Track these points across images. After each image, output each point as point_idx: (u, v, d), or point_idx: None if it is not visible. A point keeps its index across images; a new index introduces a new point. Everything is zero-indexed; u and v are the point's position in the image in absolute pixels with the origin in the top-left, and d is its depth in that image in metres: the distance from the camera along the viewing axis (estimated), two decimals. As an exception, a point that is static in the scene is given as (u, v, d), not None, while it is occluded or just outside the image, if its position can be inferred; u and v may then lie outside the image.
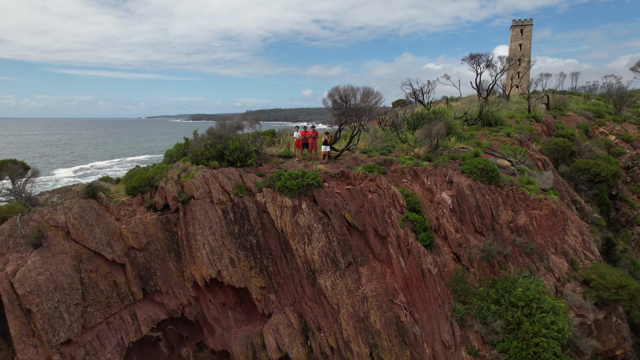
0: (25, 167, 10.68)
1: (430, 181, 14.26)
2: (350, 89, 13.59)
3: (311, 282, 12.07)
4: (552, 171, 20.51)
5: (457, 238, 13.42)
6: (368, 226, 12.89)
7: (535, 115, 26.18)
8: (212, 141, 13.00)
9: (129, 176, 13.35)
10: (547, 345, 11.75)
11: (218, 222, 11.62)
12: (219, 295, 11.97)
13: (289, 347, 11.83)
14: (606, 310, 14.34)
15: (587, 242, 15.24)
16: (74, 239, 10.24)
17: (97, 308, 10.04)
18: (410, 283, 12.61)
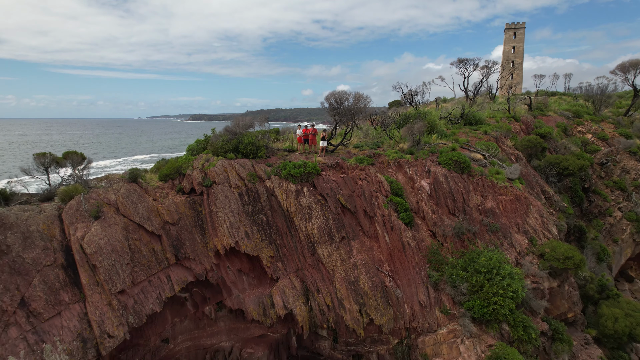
0: (83, 157, 13.37)
1: (412, 171, 16.98)
2: (344, 93, 16.33)
3: (311, 252, 14.78)
4: (525, 165, 23.26)
5: (433, 218, 16.14)
6: (358, 207, 15.60)
7: (515, 115, 28.92)
8: (229, 137, 15.71)
9: (158, 167, 16.04)
10: (504, 303, 14.47)
11: (235, 202, 14.32)
12: (236, 263, 14.67)
13: (293, 306, 14.53)
14: (559, 279, 17.07)
15: (546, 223, 17.97)
16: (122, 214, 12.94)
17: (141, 268, 12.73)
18: (393, 254, 15.32)
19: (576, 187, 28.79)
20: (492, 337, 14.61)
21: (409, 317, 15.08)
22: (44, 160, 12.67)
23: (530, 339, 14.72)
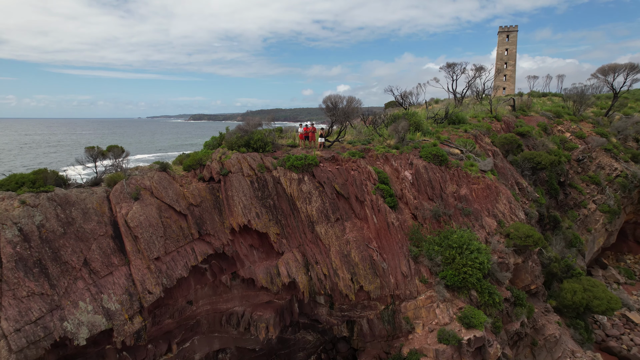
0: (122, 150, 16.26)
1: (397, 163, 19.88)
2: (339, 96, 19.23)
3: (311, 230, 17.67)
4: (501, 159, 26.17)
5: (414, 203, 19.04)
6: (351, 193, 18.49)
7: (496, 115, 31.83)
8: (241, 134, 18.61)
9: (181, 160, 18.94)
10: (472, 273, 17.35)
11: (247, 188, 17.21)
12: (248, 239, 17.57)
13: (295, 275, 17.41)
14: (524, 256, 19.97)
15: (513, 208, 20.87)
16: (156, 196, 15.82)
17: (172, 241, 15.62)
18: (380, 233, 18.22)
19: (552, 181, 31.68)
20: (462, 301, 17.51)
21: (393, 286, 17.98)
22: (92, 152, 15.56)
23: (494, 303, 17.62)
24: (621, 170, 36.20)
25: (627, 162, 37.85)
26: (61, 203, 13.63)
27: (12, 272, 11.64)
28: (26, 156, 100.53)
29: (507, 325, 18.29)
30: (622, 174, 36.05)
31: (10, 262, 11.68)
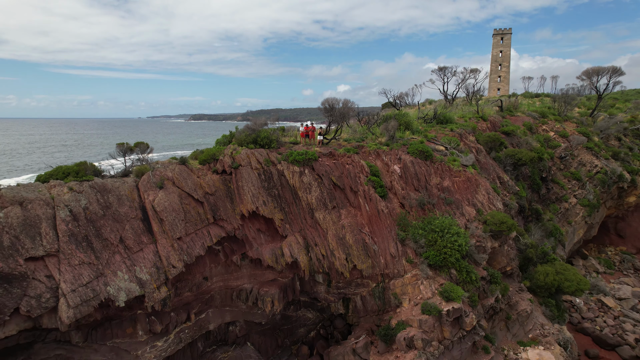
0: (147, 145, 18.83)
1: (387, 158, 22.46)
2: (335, 99, 21.82)
3: (310, 216, 20.24)
4: (484, 155, 28.75)
5: (402, 193, 21.62)
6: (346, 185, 21.06)
7: (482, 115, 34.41)
8: (249, 132, 21.19)
9: (196, 155, 21.50)
10: (452, 253, 19.91)
11: (255, 179, 19.78)
12: (256, 224, 20.15)
13: (297, 255, 19.98)
14: (500, 241, 22.54)
15: (492, 199, 23.44)
16: (177, 186, 18.39)
17: (191, 224, 18.18)
18: (371, 219, 20.79)
19: (535, 176, 34.26)
20: (443, 278, 20.08)
21: (383, 266, 20.56)
22: (122, 147, 18.14)
23: (472, 280, 20.18)
24: (601, 167, 38.76)
25: (607, 160, 40.44)
26: (100, 190, 16.21)
27: (67, 245, 14.21)
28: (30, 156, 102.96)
29: (483, 300, 20.86)
30: (602, 170, 38.61)
31: (64, 237, 14.26)
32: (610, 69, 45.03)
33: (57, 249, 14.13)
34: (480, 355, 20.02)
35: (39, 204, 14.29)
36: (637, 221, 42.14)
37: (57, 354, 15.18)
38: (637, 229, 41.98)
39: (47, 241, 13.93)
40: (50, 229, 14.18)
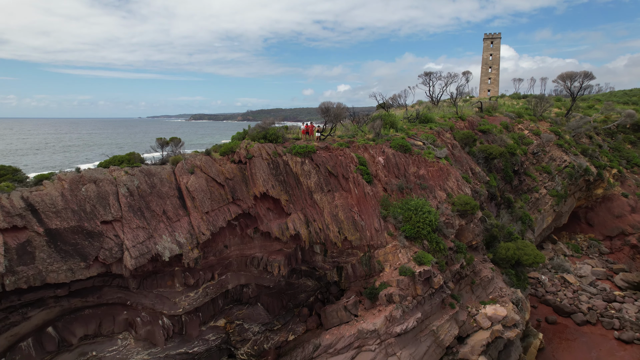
0: (180, 140, 23.69)
1: (373, 151, 27.34)
2: (330, 103, 26.70)
3: (310, 197, 25.12)
4: (459, 150, 33.64)
5: (385, 180, 26.52)
6: (339, 172, 25.95)
7: (461, 116, 39.31)
8: (260, 130, 26.09)
9: (215, 149, 26.34)
10: (424, 227, 24.78)
11: (266, 167, 24.65)
12: (266, 203, 25.04)
13: (299, 228, 24.82)
14: (467, 219, 27.43)
15: (460, 185, 28.33)
16: (204, 172, 23.27)
17: (215, 202, 23.04)
18: (359, 200, 25.68)
19: (507, 169, 39.18)
20: (417, 247, 24.98)
21: (368, 238, 25.45)
22: (161, 142, 23.02)
23: (440, 249, 25.08)
24: (569, 162, 43.70)
25: (576, 155, 45.37)
26: (147, 174, 21.11)
27: (127, 213, 19.11)
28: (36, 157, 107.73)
29: (451, 266, 25.76)
30: (570, 165, 43.55)
31: (125, 207, 19.15)
32: (582, 74, 49.95)
33: (121, 216, 19.01)
34: (447, 310, 24.94)
35: (107, 182, 19.18)
36: (604, 211, 47.07)
37: (118, 296, 20.07)
38: (604, 218, 46.91)
39: (114, 210, 18.81)
40: (115, 201, 19.06)
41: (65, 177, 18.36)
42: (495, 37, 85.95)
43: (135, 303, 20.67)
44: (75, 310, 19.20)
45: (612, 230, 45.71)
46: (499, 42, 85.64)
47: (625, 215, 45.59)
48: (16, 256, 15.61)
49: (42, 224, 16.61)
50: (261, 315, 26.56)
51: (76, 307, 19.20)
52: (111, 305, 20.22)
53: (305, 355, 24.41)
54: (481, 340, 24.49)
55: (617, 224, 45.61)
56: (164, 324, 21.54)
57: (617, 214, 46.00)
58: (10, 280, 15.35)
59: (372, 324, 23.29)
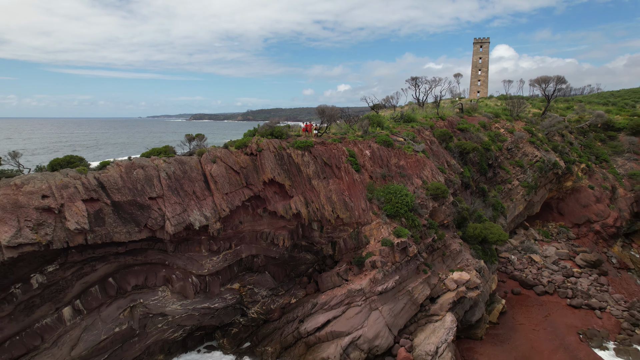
0: (203, 136, 29.50)
1: (361, 145, 33.15)
2: (326, 106, 32.52)
3: (309, 183, 30.92)
4: (437, 145, 39.43)
5: (370, 169, 32.34)
6: (332, 163, 31.75)
7: (442, 116, 45.12)
8: (267, 128, 31.95)
9: (230, 144, 32.17)
10: (401, 207, 30.59)
11: (273, 158, 30.47)
12: (272, 187, 30.87)
13: (300, 208, 30.62)
14: (439, 202, 33.24)
15: (434, 174, 34.13)
16: (223, 161, 29.09)
17: (232, 186, 28.87)
18: (349, 185, 31.50)
19: (482, 163, 44.98)
20: (396, 224, 30.78)
21: (357, 216, 31.26)
22: (189, 137, 28.84)
23: (416, 225, 30.88)
24: (540, 157, 49.51)
25: (547, 151, 51.18)
26: (179, 162, 26.94)
27: (167, 192, 24.94)
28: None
29: (424, 239, 31.56)
30: (540, 159, 49.35)
31: (165, 187, 24.97)
32: (555, 78, 55.76)
33: (162, 194, 24.84)
34: (421, 274, 30.75)
35: (151, 168, 25.03)
36: (572, 202, 52.89)
37: (159, 257, 25.91)
38: (572, 208, 52.73)
39: (157, 189, 24.65)
40: (158, 182, 24.90)
41: (122, 164, 24.23)
42: (484, 41, 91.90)
43: (172, 263, 26.54)
44: (128, 266, 25.06)
45: (579, 219, 51.50)
46: (488, 46, 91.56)
47: (591, 205, 51.41)
48: (93, 220, 21.45)
49: (109, 197, 22.46)
50: (268, 281, 32.40)
51: (128, 264, 25.06)
52: (154, 264, 26.09)
53: (305, 311, 30.26)
54: (448, 299, 30.30)
55: (584, 213, 51.42)
56: (193, 281, 27.42)
57: (584, 204, 51.82)
58: (90, 236, 21.19)
59: (359, 285, 29.12)
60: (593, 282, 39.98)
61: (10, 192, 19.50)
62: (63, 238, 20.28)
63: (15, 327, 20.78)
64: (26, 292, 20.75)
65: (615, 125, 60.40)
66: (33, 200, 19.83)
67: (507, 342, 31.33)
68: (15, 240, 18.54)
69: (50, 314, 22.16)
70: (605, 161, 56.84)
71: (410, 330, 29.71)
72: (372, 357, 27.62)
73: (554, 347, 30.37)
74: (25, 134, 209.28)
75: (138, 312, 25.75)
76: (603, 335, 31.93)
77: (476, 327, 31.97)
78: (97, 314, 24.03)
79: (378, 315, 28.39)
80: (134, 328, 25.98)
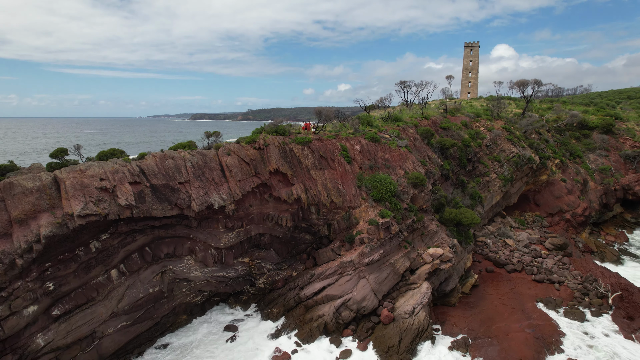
0: (219, 133, 35.56)
1: (353, 141, 39.24)
2: (322, 107, 38.59)
3: (308, 173, 37.01)
4: (420, 142, 45.52)
5: (360, 161, 38.45)
6: (328, 156, 37.85)
7: (426, 116, 51.20)
8: (272, 127, 38.08)
9: (240, 140, 38.29)
10: (386, 193, 36.70)
11: (277, 152, 36.58)
12: (277, 176, 36.98)
13: (300, 194, 36.71)
14: (419, 189, 39.35)
15: (415, 166, 40.21)
16: (236, 154, 35.20)
17: (244, 175, 34.97)
18: (342, 175, 37.62)
19: (462, 158, 51.06)
20: (381, 207, 36.87)
21: (348, 201, 37.35)
22: (208, 133, 34.92)
23: (398, 208, 36.98)
24: (516, 153, 55.59)
25: (523, 148, 57.26)
26: (200, 154, 33.03)
27: (192, 178, 31.04)
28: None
29: (405, 220, 37.65)
30: (516, 155, 55.43)
31: (190, 174, 31.08)
32: (533, 81, 61.88)
33: (189, 180, 30.93)
34: (402, 250, 36.84)
35: (179, 158, 31.11)
36: (547, 193, 58.98)
37: (185, 232, 32.02)
38: (547, 199, 58.81)
39: (184, 175, 30.73)
40: (185, 170, 30.99)
41: (156, 155, 30.36)
42: (474, 45, 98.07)
43: (195, 237, 32.67)
44: (161, 238, 31.19)
45: (553, 209, 57.58)
46: (478, 50, 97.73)
47: (563, 196, 57.49)
48: (137, 198, 27.54)
49: (148, 181, 28.57)
50: (273, 257, 38.50)
51: (161, 236, 31.19)
52: (181, 237, 32.22)
53: (304, 281, 36.38)
54: (425, 270, 36.40)
55: (556, 204, 57.50)
56: (212, 253, 33.54)
57: (557, 196, 57.91)
58: (135, 211, 27.29)
59: (350, 258, 35.24)
60: (557, 261, 46.05)
61: (77, 176, 25.62)
62: (116, 211, 26.38)
63: (78, 282, 26.87)
64: (86, 254, 26.84)
65: (589, 125, 66.45)
66: (94, 182, 25.95)
67: (476, 307, 37.42)
68: (83, 211, 24.64)
69: (102, 274, 28.26)
70: (578, 157, 62.90)
71: (393, 296, 35.79)
72: (360, 316, 33.70)
73: (513, 311, 36.47)
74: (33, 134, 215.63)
75: (167, 276, 31.88)
76: (557, 302, 38.01)
77: (450, 296, 38.06)
78: (137, 276, 30.16)
79: (365, 282, 34.47)
80: (163, 291, 32.08)
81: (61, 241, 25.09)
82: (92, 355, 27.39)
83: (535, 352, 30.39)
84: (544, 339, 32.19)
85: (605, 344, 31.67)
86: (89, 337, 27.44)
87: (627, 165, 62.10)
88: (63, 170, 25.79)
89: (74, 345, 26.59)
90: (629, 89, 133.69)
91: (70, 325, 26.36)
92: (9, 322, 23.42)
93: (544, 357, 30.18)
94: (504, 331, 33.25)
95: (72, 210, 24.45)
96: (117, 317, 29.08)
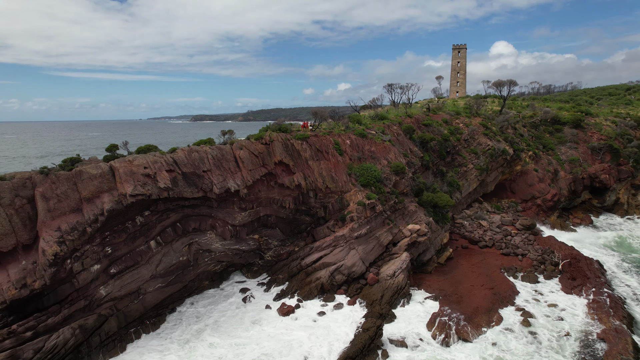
0: (233, 131, 43.42)
1: (344, 137, 47.11)
2: (318, 108, 46.47)
3: (306, 163, 44.92)
4: (403, 137, 53.38)
5: (350, 153, 46.37)
6: (323, 149, 45.74)
7: (410, 114, 58.99)
8: (276, 126, 46.04)
9: (251, 136, 46.21)
10: (372, 178, 44.58)
11: (281, 146, 44.48)
12: (281, 167, 44.91)
13: (300, 181, 44.58)
14: (400, 176, 47.22)
15: (397, 157, 48.06)
16: (247, 148, 43.11)
17: (254, 165, 42.88)
18: (335, 165, 45.55)
19: (442, 150, 58.89)
20: (368, 191, 44.76)
21: (340, 186, 45.25)
22: (224, 132, 42.83)
23: (382, 192, 44.86)
24: (491, 146, 63.39)
25: (498, 141, 65.05)
26: (219, 149, 40.96)
27: (213, 167, 38.97)
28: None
29: (388, 202, 45.51)
30: (491, 147, 63.23)
31: (212, 164, 39.01)
32: (509, 82, 69.64)
33: (210, 169, 38.84)
34: (386, 226, 44.72)
35: (202, 152, 39.04)
36: (521, 182, 66.74)
37: (207, 211, 39.96)
38: (521, 187, 66.58)
39: (207, 165, 38.64)
40: (207, 161, 38.90)
41: (184, 149, 38.31)
42: (461, 47, 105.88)
43: (215, 215, 40.61)
44: (189, 215, 39.16)
45: (526, 195, 65.36)
46: (465, 51, 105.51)
47: (535, 184, 65.27)
48: (172, 183, 35.46)
49: (179, 169, 36.50)
50: (278, 235, 46.40)
51: (189, 214, 39.16)
52: (204, 215, 40.18)
53: (305, 253, 44.32)
54: (405, 242, 44.25)
55: (529, 191, 65.29)
56: (229, 228, 41.49)
57: (529, 184, 65.70)
58: (171, 192, 35.22)
59: (342, 233, 43.16)
60: (524, 239, 53.85)
61: (127, 165, 33.58)
62: (156, 192, 34.33)
63: (126, 249, 34.81)
64: (133, 227, 34.79)
65: (562, 120, 74.15)
66: (140, 169, 33.90)
67: (448, 274, 45.26)
68: (134, 192, 32.58)
69: (143, 243, 36.20)
70: (551, 149, 70.63)
71: (378, 265, 43.64)
72: (351, 279, 41.57)
73: (480, 276, 44.30)
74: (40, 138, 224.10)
75: (194, 247, 39.83)
76: (518, 270, 45.83)
77: (427, 265, 45.91)
78: (170, 246, 38.11)
79: (355, 252, 42.36)
80: (189, 260, 40.01)
81: (116, 215, 33.05)
82: (138, 306, 35.31)
83: (490, 303, 38.19)
84: (500, 295, 40.00)
85: (549, 298, 39.50)
86: (136, 292, 35.37)
87: (594, 156, 69.80)
88: (116, 160, 33.79)
89: (126, 297, 34.52)
90: (610, 86, 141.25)
91: (123, 281, 34.30)
92: (82, 275, 31.37)
93: (498, 306, 37.99)
94: (469, 290, 41.08)
95: (125, 191, 32.40)
96: (155, 279, 37.01)
